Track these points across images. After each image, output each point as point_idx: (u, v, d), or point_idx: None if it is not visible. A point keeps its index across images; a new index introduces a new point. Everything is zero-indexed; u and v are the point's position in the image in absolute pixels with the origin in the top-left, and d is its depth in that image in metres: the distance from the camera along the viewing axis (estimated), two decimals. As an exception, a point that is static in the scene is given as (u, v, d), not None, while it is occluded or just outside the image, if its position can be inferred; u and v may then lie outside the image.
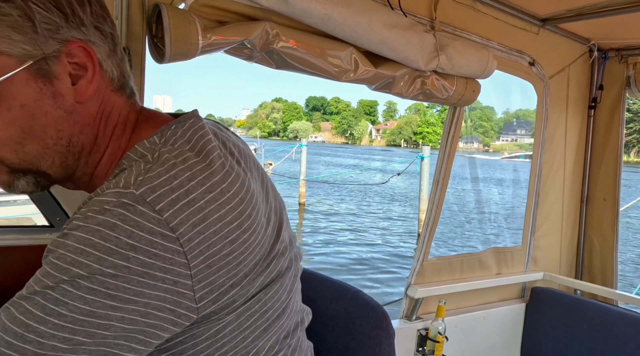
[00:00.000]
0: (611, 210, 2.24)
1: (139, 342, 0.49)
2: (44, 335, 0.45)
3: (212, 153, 0.56)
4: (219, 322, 0.56)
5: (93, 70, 0.55)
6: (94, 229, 0.47)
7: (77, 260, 0.46)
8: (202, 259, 0.51)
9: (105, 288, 0.46)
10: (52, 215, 1.07)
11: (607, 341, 1.86)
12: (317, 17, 1.24)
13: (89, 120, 0.57)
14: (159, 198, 0.49)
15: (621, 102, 2.19)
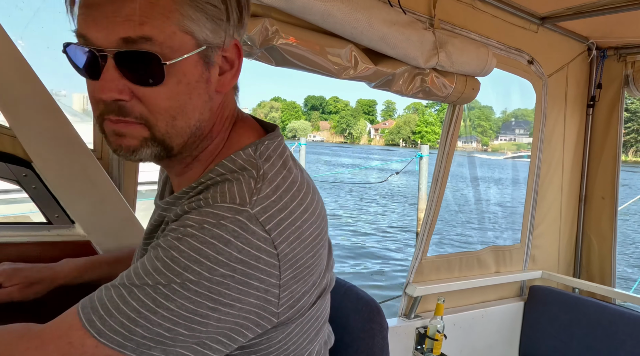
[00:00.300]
0: (609, 208, 2.24)
1: (228, 339, 0.55)
2: (153, 322, 0.52)
3: (298, 173, 0.63)
4: (290, 326, 0.62)
5: (238, 67, 0.61)
6: (209, 241, 0.52)
7: (190, 267, 0.52)
8: (291, 271, 0.57)
9: (210, 292, 0.52)
10: (50, 212, 1.06)
11: (605, 339, 1.86)
12: (316, 14, 1.23)
13: (215, 110, 0.62)
14: (269, 219, 0.55)
15: (619, 100, 2.19)
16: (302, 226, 0.58)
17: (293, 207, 0.58)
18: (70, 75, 0.76)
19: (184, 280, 0.52)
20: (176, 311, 0.52)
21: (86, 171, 1.04)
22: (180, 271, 0.52)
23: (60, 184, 1.02)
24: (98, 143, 1.14)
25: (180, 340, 0.53)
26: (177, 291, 0.52)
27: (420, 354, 1.78)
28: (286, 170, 0.62)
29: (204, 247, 0.52)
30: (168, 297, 0.52)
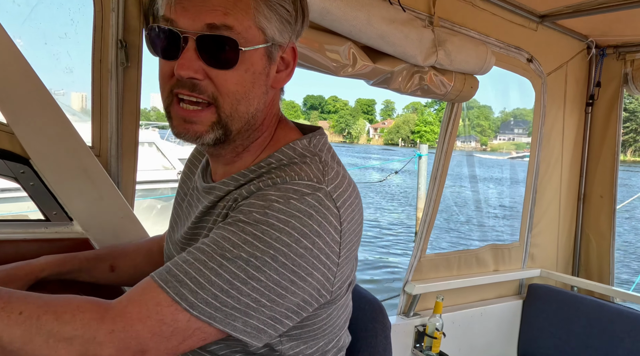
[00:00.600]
0: (608, 207, 2.24)
1: (295, 314, 0.60)
2: (243, 293, 0.55)
3: (341, 163, 0.70)
4: (334, 306, 0.67)
5: (292, 68, 0.68)
6: (295, 214, 0.57)
7: (281, 238, 0.56)
8: (346, 251, 0.63)
9: (293, 264, 0.57)
10: (48, 209, 1.06)
11: (604, 337, 1.87)
12: (315, 11, 1.23)
13: (268, 104, 0.68)
14: (338, 197, 0.62)
15: (619, 99, 2.19)
16: (355, 209, 0.65)
17: (350, 192, 0.65)
18: (67, 73, 0.76)
19: (276, 251, 0.56)
20: (264, 282, 0.56)
21: (84, 168, 1.04)
22: (271, 242, 0.56)
23: (58, 181, 1.02)
24: (96, 141, 1.13)
25: (261, 311, 0.57)
26: (268, 262, 0.56)
27: (419, 352, 1.78)
28: (336, 162, 0.69)
29: (291, 219, 0.57)
30: (259, 269, 0.56)
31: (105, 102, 1.08)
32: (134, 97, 1.13)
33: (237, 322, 0.56)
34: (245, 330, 0.56)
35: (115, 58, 1.07)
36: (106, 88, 1.08)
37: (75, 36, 1.19)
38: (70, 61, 1.24)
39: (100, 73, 1.07)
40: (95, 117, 1.09)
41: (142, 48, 1.11)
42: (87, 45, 1.07)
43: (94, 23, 1.06)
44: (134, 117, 1.14)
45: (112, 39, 1.06)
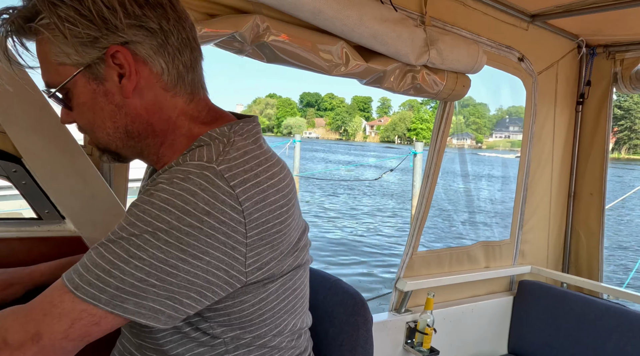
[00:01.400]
0: (597, 204, 2.27)
1: (197, 294, 0.59)
2: (126, 273, 0.55)
3: (269, 150, 0.70)
4: (263, 290, 0.66)
5: (129, 70, 0.62)
6: (177, 193, 0.57)
7: (160, 216, 0.56)
8: (257, 232, 0.61)
9: (179, 242, 0.56)
10: (40, 208, 1.06)
11: (592, 332, 1.90)
12: (307, 11, 1.24)
13: (138, 112, 0.65)
14: (233, 177, 0.60)
15: (608, 98, 2.22)
16: (267, 190, 0.63)
17: (259, 171, 0.63)
18: None
19: (155, 229, 0.56)
20: (148, 260, 0.56)
21: (77, 167, 1.04)
22: (151, 220, 0.56)
23: (50, 180, 1.02)
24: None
25: (152, 292, 0.56)
26: (149, 240, 0.56)
27: (410, 348, 1.80)
28: (257, 145, 0.68)
29: (173, 198, 0.57)
30: (140, 247, 0.56)
31: None
32: None
33: (128, 304, 0.56)
34: (138, 311, 0.56)
35: None
36: None
37: None
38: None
39: None
40: None
41: None
42: None
43: None
44: None
45: None
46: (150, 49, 0.62)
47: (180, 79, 0.66)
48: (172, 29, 0.63)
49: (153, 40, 0.62)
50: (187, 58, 0.66)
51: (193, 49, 0.67)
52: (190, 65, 0.66)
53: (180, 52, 0.64)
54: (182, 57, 0.65)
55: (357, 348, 0.92)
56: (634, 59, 2.13)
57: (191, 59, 0.66)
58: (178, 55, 0.64)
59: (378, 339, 1.74)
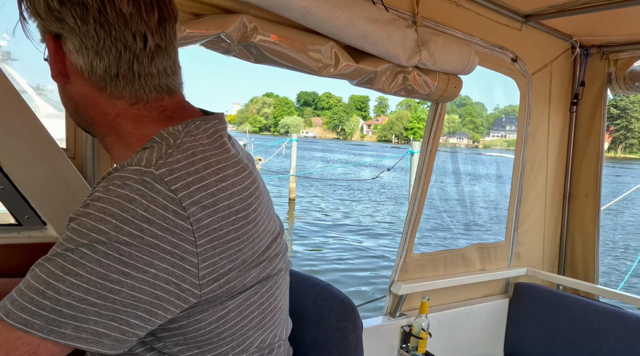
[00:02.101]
0: (593, 205, 2.26)
1: (146, 313, 0.54)
2: (62, 292, 0.50)
3: (228, 151, 0.64)
4: (222, 308, 0.61)
5: (51, 55, 0.62)
6: (114, 200, 0.53)
7: (97, 227, 0.52)
8: (208, 239, 0.56)
9: (120, 254, 0.51)
10: (20, 213, 1.03)
11: (588, 335, 1.88)
12: (295, 11, 1.21)
13: (75, 98, 0.65)
14: (175, 180, 0.55)
15: (602, 98, 2.21)
16: (217, 194, 0.58)
17: (206, 174, 0.58)
18: (42, 70, 0.76)
19: (92, 241, 0.51)
20: (85, 276, 0.50)
21: (58, 170, 1.02)
22: (87, 232, 0.51)
23: (30, 184, 0.99)
24: (71, 143, 1.11)
25: (93, 312, 0.51)
26: (86, 254, 0.51)
27: (405, 353, 1.78)
28: (213, 146, 0.63)
29: (109, 206, 0.52)
30: (76, 262, 0.51)
31: None
32: None
33: (66, 328, 0.50)
34: (78, 336, 0.51)
35: None
36: None
37: None
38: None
39: None
40: (70, 118, 1.07)
41: None
42: None
43: None
44: None
45: None
46: (71, 45, 0.60)
47: (109, 83, 0.62)
48: (92, 32, 0.59)
49: (74, 38, 0.60)
50: (111, 63, 0.60)
51: (121, 56, 0.60)
52: (118, 73, 0.61)
53: (100, 56, 0.60)
54: (103, 61, 0.60)
55: (347, 355, 0.89)
56: (627, 59, 2.12)
57: (118, 66, 0.61)
58: (97, 59, 0.60)
59: (372, 344, 1.73)
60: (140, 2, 0.60)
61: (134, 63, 0.61)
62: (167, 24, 0.63)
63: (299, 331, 0.96)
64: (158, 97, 0.65)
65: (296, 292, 0.98)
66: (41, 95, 6.69)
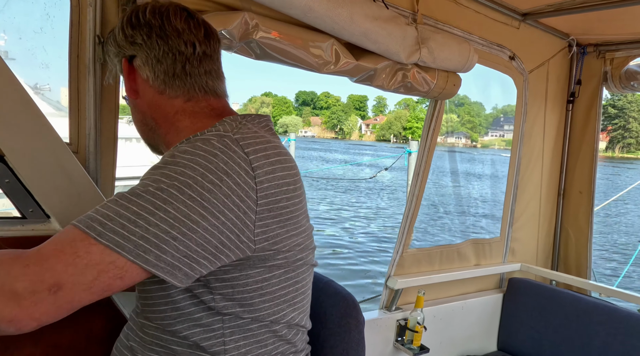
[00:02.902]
0: (587, 202, 2.29)
1: (212, 255, 0.63)
2: (151, 223, 0.59)
3: (279, 140, 0.78)
4: (268, 271, 0.71)
5: (126, 76, 0.80)
6: (200, 153, 0.63)
7: (186, 172, 0.61)
8: (266, 202, 0.67)
9: (202, 198, 0.61)
10: (24, 206, 1.05)
11: (580, 329, 1.91)
12: (297, 8, 1.22)
13: (143, 109, 0.81)
14: (247, 145, 0.68)
15: (598, 96, 2.23)
16: (275, 164, 0.70)
17: (267, 147, 0.71)
18: (44, 68, 0.81)
19: (181, 184, 0.60)
20: (172, 213, 0.59)
21: (62, 165, 1.03)
22: (177, 176, 0.61)
23: (34, 178, 1.01)
24: (74, 137, 1.12)
25: (173, 246, 0.59)
26: (174, 194, 0.60)
27: (400, 346, 1.81)
28: (268, 134, 0.77)
29: (197, 157, 0.63)
30: (166, 201, 0.60)
31: (83, 99, 1.07)
32: (112, 93, 1.12)
33: (150, 255, 0.58)
34: (158, 264, 0.59)
35: (92, 54, 1.06)
36: (84, 84, 1.07)
37: (51, 31, 1.18)
38: (47, 57, 1.24)
39: (77, 69, 1.06)
40: (73, 113, 1.08)
41: None
42: (64, 40, 1.06)
43: (71, 18, 1.04)
44: (113, 113, 1.13)
45: (89, 34, 1.05)
46: (140, 60, 0.78)
47: (167, 84, 0.78)
48: (154, 44, 0.76)
49: (142, 54, 0.77)
50: (169, 66, 0.77)
51: (176, 59, 0.77)
52: (174, 73, 0.77)
53: (160, 62, 0.77)
54: (162, 66, 0.77)
55: (350, 350, 0.91)
56: (623, 58, 2.14)
57: (174, 68, 0.77)
58: (158, 65, 0.77)
59: (368, 337, 1.73)
60: (190, 21, 0.77)
61: (185, 64, 0.77)
62: (211, 38, 0.80)
63: None
64: (206, 97, 0.79)
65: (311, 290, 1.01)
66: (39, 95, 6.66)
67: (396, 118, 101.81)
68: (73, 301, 0.56)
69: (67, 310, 0.56)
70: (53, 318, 0.56)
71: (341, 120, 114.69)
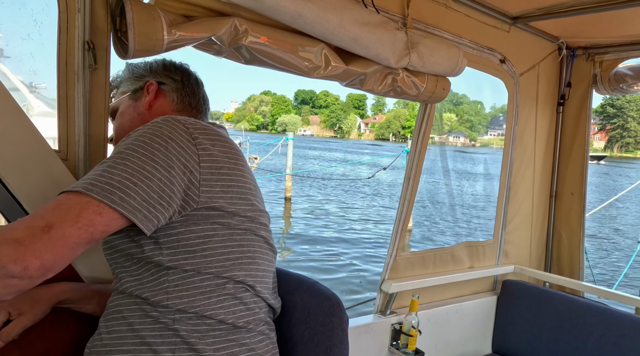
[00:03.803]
0: (578, 204, 2.30)
1: (165, 202, 0.77)
2: (114, 174, 0.74)
3: (225, 132, 0.95)
4: (210, 227, 0.82)
5: (150, 95, 1.07)
6: (148, 127, 0.81)
7: (138, 139, 0.79)
8: (208, 165, 0.82)
9: (153, 155, 0.77)
10: (12, 215, 1.03)
11: (574, 331, 1.92)
12: (286, 14, 1.22)
13: (148, 118, 1.01)
14: (189, 124, 0.84)
15: (588, 99, 2.25)
16: (214, 140, 0.85)
17: (209, 130, 0.86)
18: (36, 68, 0.86)
19: (135, 146, 0.77)
20: (130, 166, 0.75)
21: (50, 172, 1.03)
22: (130, 144, 0.78)
23: (22, 186, 1.00)
24: (63, 144, 1.12)
25: (134, 190, 0.74)
26: (130, 154, 0.76)
27: (395, 350, 1.80)
28: (213, 126, 0.92)
29: (145, 130, 0.80)
30: (125, 158, 0.76)
31: (72, 105, 1.07)
32: (102, 99, 1.11)
33: (115, 196, 0.72)
34: (122, 204, 0.73)
35: (81, 60, 1.06)
36: (72, 90, 1.06)
37: (39, 38, 1.18)
38: (35, 63, 1.25)
39: (66, 75, 1.05)
40: (62, 120, 1.07)
41: (110, 49, 1.09)
42: (52, 47, 1.06)
43: (59, 24, 1.04)
44: (103, 119, 1.13)
45: (78, 40, 1.05)
46: (170, 88, 1.07)
47: (185, 109, 1.07)
48: (187, 84, 1.09)
49: (174, 85, 1.07)
50: (193, 102, 1.09)
51: (198, 100, 1.10)
52: (192, 105, 1.09)
53: (188, 96, 1.08)
54: (189, 99, 1.09)
55: (333, 348, 0.92)
56: (612, 61, 2.16)
57: (191, 103, 1.09)
58: (187, 97, 1.08)
59: (363, 341, 1.75)
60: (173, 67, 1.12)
61: (200, 104, 1.13)
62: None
63: (288, 327, 0.99)
64: (195, 115, 1.10)
65: (285, 290, 1.01)
66: (34, 93, 6.62)
67: (395, 117, 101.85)
68: (65, 237, 0.67)
69: (63, 246, 0.67)
70: (53, 254, 0.66)
71: (340, 118, 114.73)
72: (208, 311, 0.81)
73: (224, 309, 0.83)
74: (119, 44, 1.07)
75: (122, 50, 1.06)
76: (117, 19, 1.06)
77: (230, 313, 0.83)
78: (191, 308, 0.80)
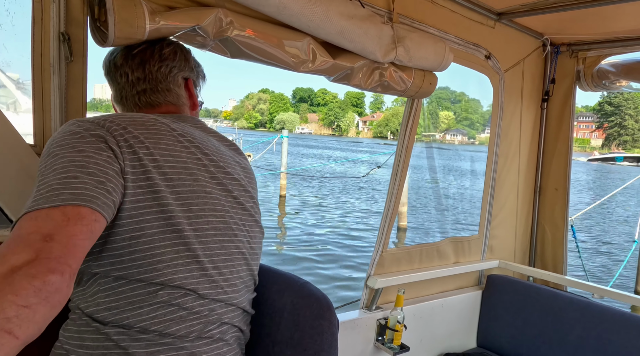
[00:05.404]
0: (562, 199, 2.32)
1: (114, 178, 0.76)
2: (49, 180, 0.71)
3: (172, 127, 0.92)
4: (138, 228, 0.77)
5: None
6: (58, 132, 0.81)
7: (53, 142, 0.78)
8: (125, 142, 0.81)
9: (75, 147, 0.76)
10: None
11: (557, 324, 1.94)
12: (271, 6, 1.20)
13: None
14: (106, 119, 0.83)
15: (572, 95, 2.26)
16: (128, 127, 0.83)
17: (136, 119, 0.86)
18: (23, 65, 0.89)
19: (55, 148, 0.76)
20: (59, 165, 0.73)
21: (26, 168, 0.99)
22: (49, 148, 0.78)
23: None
24: (39, 139, 1.07)
25: (81, 182, 0.72)
26: (54, 155, 0.75)
27: (381, 345, 1.79)
28: (156, 116, 0.93)
29: (57, 135, 0.80)
30: (53, 163, 0.74)
31: (48, 99, 1.03)
32: (79, 92, 1.08)
33: (63, 195, 0.69)
34: (76, 198, 0.70)
35: (57, 52, 1.02)
36: (48, 84, 1.03)
37: (12, 28, 1.15)
38: (8, 55, 1.22)
39: (41, 68, 1.02)
40: (37, 114, 1.04)
41: (87, 41, 1.06)
42: (26, 38, 1.00)
43: (33, 15, 1.00)
44: (80, 113, 1.09)
45: (53, 32, 1.01)
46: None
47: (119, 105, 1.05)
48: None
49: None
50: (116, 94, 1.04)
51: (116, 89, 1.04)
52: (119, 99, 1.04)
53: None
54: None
55: (321, 352, 0.90)
56: (595, 58, 2.17)
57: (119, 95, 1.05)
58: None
59: (349, 337, 1.75)
60: (128, 55, 1.01)
61: (122, 91, 1.01)
62: (147, 64, 0.99)
63: (276, 329, 0.96)
64: (141, 110, 1.03)
65: (275, 290, 0.99)
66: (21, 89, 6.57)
67: (393, 115, 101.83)
68: (70, 247, 0.64)
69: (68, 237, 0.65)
70: (64, 246, 0.63)
71: (338, 116, 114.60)
72: (140, 323, 0.76)
73: (157, 319, 0.77)
74: (97, 33, 1.03)
75: (100, 39, 1.02)
76: (96, 8, 1.02)
77: (167, 322, 0.77)
78: (123, 320, 0.76)
